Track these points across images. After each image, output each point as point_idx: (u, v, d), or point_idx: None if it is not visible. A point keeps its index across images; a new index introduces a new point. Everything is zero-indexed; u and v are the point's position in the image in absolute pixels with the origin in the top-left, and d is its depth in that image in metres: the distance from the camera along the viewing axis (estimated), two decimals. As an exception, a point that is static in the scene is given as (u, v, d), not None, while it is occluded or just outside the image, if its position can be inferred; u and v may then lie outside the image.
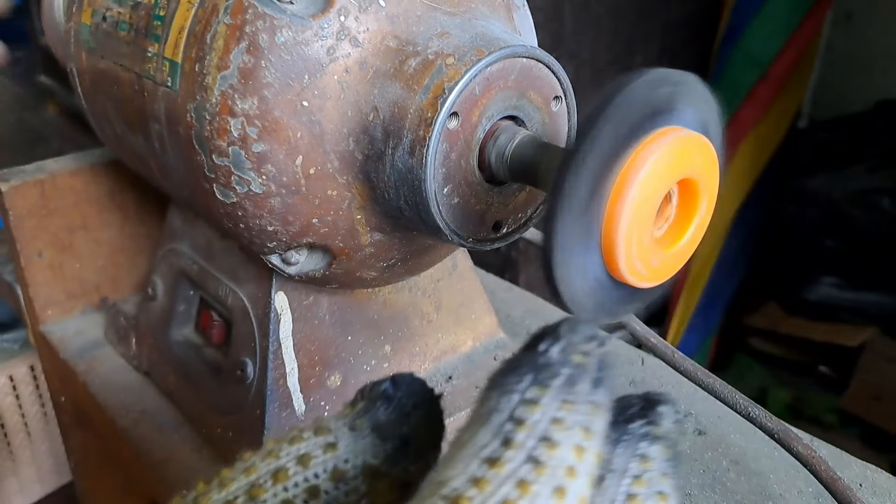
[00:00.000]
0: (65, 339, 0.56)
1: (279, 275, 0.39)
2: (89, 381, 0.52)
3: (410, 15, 0.33)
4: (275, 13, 0.31)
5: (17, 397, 1.00)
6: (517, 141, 0.32)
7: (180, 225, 0.49)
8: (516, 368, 0.17)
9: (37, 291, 0.56)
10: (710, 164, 0.27)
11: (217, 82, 0.32)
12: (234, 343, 0.44)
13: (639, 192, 0.24)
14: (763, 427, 0.41)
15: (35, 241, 0.54)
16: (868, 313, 1.79)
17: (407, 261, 0.39)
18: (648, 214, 0.25)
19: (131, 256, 0.60)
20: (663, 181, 0.25)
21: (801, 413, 1.74)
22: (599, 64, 1.41)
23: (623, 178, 0.24)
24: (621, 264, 0.25)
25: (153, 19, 0.36)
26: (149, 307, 0.51)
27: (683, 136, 0.25)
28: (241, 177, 0.33)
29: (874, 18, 1.94)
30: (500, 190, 0.34)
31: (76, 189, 0.55)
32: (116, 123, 0.42)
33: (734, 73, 1.63)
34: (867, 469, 0.44)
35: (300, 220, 0.34)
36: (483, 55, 0.31)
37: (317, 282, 0.39)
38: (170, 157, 0.37)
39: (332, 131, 0.33)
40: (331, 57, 0.32)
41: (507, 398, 0.17)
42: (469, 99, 0.31)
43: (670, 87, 0.25)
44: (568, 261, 0.25)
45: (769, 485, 0.43)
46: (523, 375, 0.17)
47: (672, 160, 0.25)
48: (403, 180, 0.32)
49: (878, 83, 1.93)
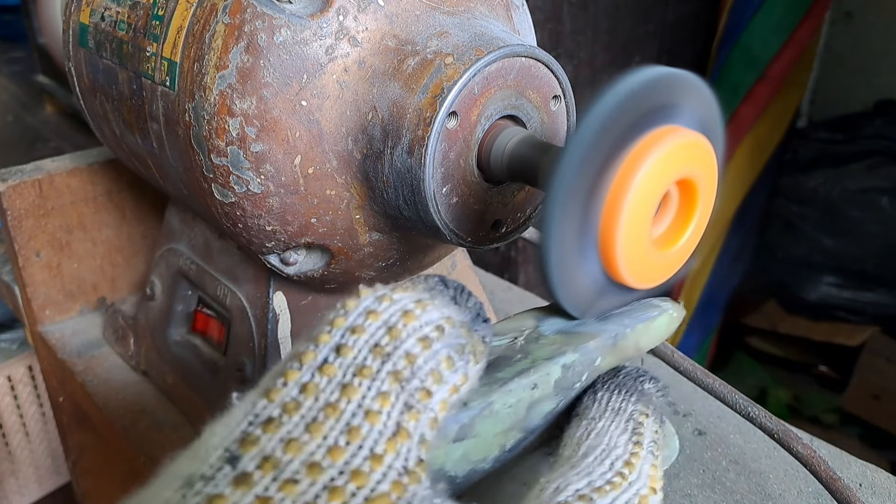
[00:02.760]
0: (63, 339, 0.56)
1: (277, 275, 0.39)
2: (87, 381, 0.52)
3: (409, 14, 0.33)
4: (273, 13, 0.31)
5: (16, 397, 1.00)
6: (516, 140, 0.32)
7: (178, 225, 0.49)
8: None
9: (35, 291, 0.56)
10: (709, 164, 0.27)
11: (216, 82, 0.32)
12: (233, 343, 0.44)
13: (637, 193, 0.24)
14: (763, 427, 0.41)
15: (33, 241, 0.54)
16: (867, 313, 1.79)
17: (406, 260, 0.39)
18: (646, 215, 0.25)
19: (129, 256, 0.60)
20: (662, 181, 0.25)
21: (800, 412, 1.74)
22: (598, 64, 1.41)
23: (621, 178, 0.24)
24: (619, 265, 0.25)
25: (152, 19, 0.36)
26: (147, 307, 0.51)
27: (682, 136, 0.25)
28: (240, 176, 0.33)
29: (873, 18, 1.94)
30: (499, 189, 0.34)
31: (74, 189, 0.55)
32: (115, 123, 0.42)
33: (733, 72, 1.63)
34: (867, 469, 0.44)
35: (299, 219, 0.34)
36: (482, 55, 0.31)
37: (315, 282, 0.39)
38: (168, 156, 0.37)
39: (330, 131, 0.33)
40: (329, 56, 0.32)
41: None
42: (468, 98, 0.31)
43: (669, 85, 0.25)
44: (565, 262, 0.25)
45: (769, 484, 0.43)
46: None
47: (671, 160, 0.25)
48: (402, 180, 0.32)
49: (877, 83, 1.93)
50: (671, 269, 0.28)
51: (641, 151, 0.24)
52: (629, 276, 0.26)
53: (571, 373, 0.24)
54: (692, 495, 0.42)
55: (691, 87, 0.26)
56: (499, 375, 0.23)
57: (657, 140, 0.25)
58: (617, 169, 0.24)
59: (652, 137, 0.25)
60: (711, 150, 0.27)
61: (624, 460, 0.21)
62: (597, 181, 0.24)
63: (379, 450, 0.16)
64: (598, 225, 0.25)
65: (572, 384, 0.24)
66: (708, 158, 0.27)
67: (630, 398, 0.24)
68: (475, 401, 0.22)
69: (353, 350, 0.17)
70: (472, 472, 0.22)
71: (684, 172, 0.26)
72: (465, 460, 0.22)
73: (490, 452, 0.22)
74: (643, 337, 0.27)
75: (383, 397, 0.17)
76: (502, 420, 0.22)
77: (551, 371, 0.24)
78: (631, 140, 0.25)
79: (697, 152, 0.26)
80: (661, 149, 0.24)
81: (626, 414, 0.23)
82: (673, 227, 0.28)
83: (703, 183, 0.27)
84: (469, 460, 0.22)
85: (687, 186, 0.27)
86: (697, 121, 0.27)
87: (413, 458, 0.16)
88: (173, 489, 0.15)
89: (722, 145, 0.28)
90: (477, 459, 0.22)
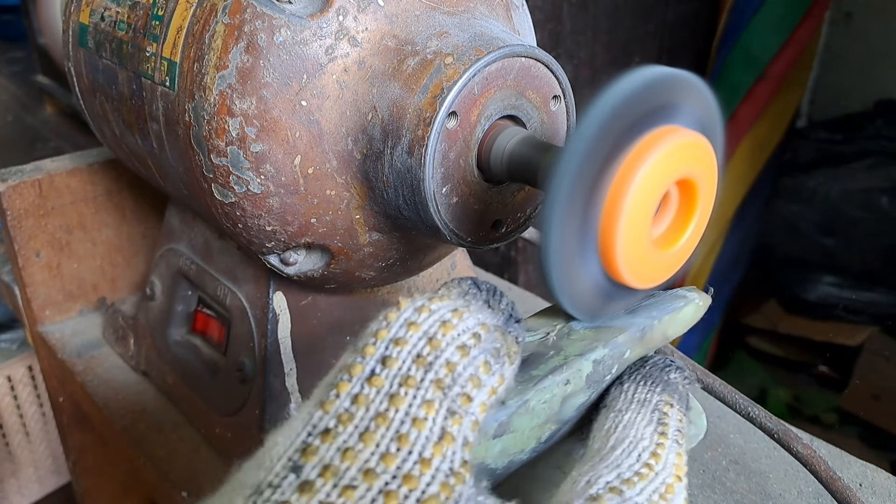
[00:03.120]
0: (63, 339, 0.56)
1: (277, 275, 0.39)
2: (87, 382, 0.52)
3: (409, 14, 0.33)
4: (273, 13, 0.31)
5: (16, 398, 1.00)
6: (516, 140, 0.32)
7: (178, 225, 0.49)
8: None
9: (35, 292, 0.56)
10: (708, 164, 0.27)
11: (215, 82, 0.32)
12: (233, 343, 0.44)
13: (637, 193, 0.24)
14: (763, 427, 0.41)
15: (33, 241, 0.54)
16: (867, 312, 1.79)
17: (406, 260, 0.39)
18: (646, 215, 0.25)
19: (129, 256, 0.60)
20: (661, 181, 0.25)
21: (800, 412, 1.74)
22: (598, 64, 1.41)
23: (621, 178, 0.24)
24: (619, 265, 0.25)
25: (151, 19, 0.36)
26: (147, 307, 0.51)
27: (682, 136, 0.25)
28: (240, 177, 0.33)
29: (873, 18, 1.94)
30: (499, 189, 0.34)
31: (74, 189, 0.55)
32: (114, 123, 0.42)
33: (733, 72, 1.63)
34: (867, 468, 0.44)
35: (299, 219, 0.34)
36: (482, 55, 0.31)
37: (315, 282, 0.39)
38: (168, 156, 0.37)
39: (330, 131, 0.33)
40: (329, 57, 0.32)
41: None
42: (468, 98, 0.31)
43: (669, 86, 0.25)
44: (565, 262, 0.25)
45: (768, 484, 0.43)
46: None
47: (671, 160, 0.25)
48: (402, 180, 0.32)
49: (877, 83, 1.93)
50: (671, 269, 0.28)
51: (641, 151, 0.24)
52: (629, 276, 0.26)
53: (602, 367, 0.25)
54: (692, 495, 0.42)
55: (691, 88, 0.26)
56: (533, 373, 0.24)
57: (657, 140, 0.25)
58: (617, 169, 0.24)
59: (652, 137, 0.25)
60: (711, 149, 0.27)
61: (651, 451, 0.22)
62: (597, 181, 0.24)
63: (427, 454, 0.17)
64: (598, 225, 0.25)
65: (603, 377, 0.26)
66: (708, 158, 0.27)
67: (655, 388, 0.25)
68: (512, 399, 0.23)
69: (397, 361, 0.19)
70: (511, 464, 0.24)
71: (684, 172, 0.26)
72: (504, 454, 0.23)
73: (527, 445, 0.24)
74: (670, 327, 0.28)
75: (428, 405, 0.18)
76: (538, 415, 0.24)
77: (583, 367, 0.25)
78: (631, 140, 0.25)
79: (697, 152, 0.26)
80: (661, 149, 0.24)
81: (651, 405, 0.24)
82: (673, 227, 0.28)
83: (703, 183, 0.27)
84: (508, 453, 0.23)
85: (687, 186, 0.27)
86: (697, 121, 0.27)
87: (458, 460, 0.17)
88: (244, 497, 0.16)
89: (722, 145, 0.28)
90: (515, 452, 0.23)
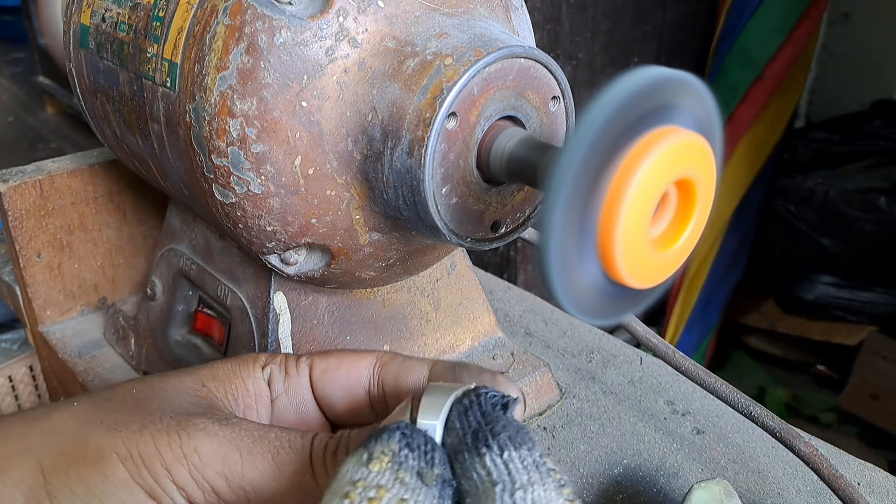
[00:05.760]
0: (64, 339, 0.56)
1: (278, 275, 0.39)
2: (88, 382, 0.52)
3: (409, 16, 0.33)
4: (274, 14, 0.31)
5: (16, 398, 1.00)
6: (515, 141, 0.32)
7: (179, 225, 0.49)
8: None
9: (36, 292, 0.56)
10: (707, 165, 0.27)
11: (216, 83, 0.32)
12: (233, 343, 0.44)
13: (636, 193, 0.24)
14: (765, 426, 0.41)
15: (34, 241, 0.54)
16: (865, 312, 1.80)
17: (405, 261, 0.39)
18: (645, 215, 0.26)
19: (130, 257, 0.60)
20: (660, 182, 0.25)
21: (798, 412, 1.75)
22: (597, 64, 1.42)
23: (620, 178, 0.25)
24: (618, 265, 0.26)
25: (152, 20, 0.36)
26: (148, 307, 0.51)
27: (681, 137, 0.25)
28: (240, 177, 0.33)
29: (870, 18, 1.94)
30: (499, 190, 0.34)
31: (75, 189, 0.55)
32: (115, 124, 0.42)
33: (731, 73, 1.64)
34: (865, 468, 0.44)
35: (299, 220, 0.35)
36: (481, 55, 0.31)
37: (315, 282, 0.39)
38: (169, 157, 0.37)
39: (330, 132, 0.33)
40: (329, 58, 0.32)
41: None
42: (467, 99, 0.31)
43: (667, 86, 0.26)
44: (564, 262, 0.25)
45: (767, 483, 0.43)
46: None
47: (669, 161, 0.25)
48: (402, 180, 0.32)
49: (875, 83, 1.94)
50: (670, 269, 0.28)
51: (640, 152, 0.25)
52: (628, 276, 0.26)
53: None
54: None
55: (689, 88, 0.26)
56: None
57: (656, 140, 0.25)
58: (616, 169, 0.25)
59: (650, 138, 0.25)
60: (710, 150, 0.27)
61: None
62: (595, 182, 0.25)
63: None
64: (597, 225, 0.25)
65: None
66: (706, 159, 0.27)
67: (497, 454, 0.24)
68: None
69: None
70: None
71: (683, 173, 0.26)
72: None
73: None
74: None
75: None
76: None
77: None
78: (629, 141, 0.25)
79: (696, 153, 0.26)
80: (660, 149, 0.25)
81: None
82: (671, 227, 0.28)
83: (702, 183, 0.27)
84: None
85: (685, 187, 0.27)
86: (695, 121, 0.27)
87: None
88: None
89: (720, 145, 0.28)
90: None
